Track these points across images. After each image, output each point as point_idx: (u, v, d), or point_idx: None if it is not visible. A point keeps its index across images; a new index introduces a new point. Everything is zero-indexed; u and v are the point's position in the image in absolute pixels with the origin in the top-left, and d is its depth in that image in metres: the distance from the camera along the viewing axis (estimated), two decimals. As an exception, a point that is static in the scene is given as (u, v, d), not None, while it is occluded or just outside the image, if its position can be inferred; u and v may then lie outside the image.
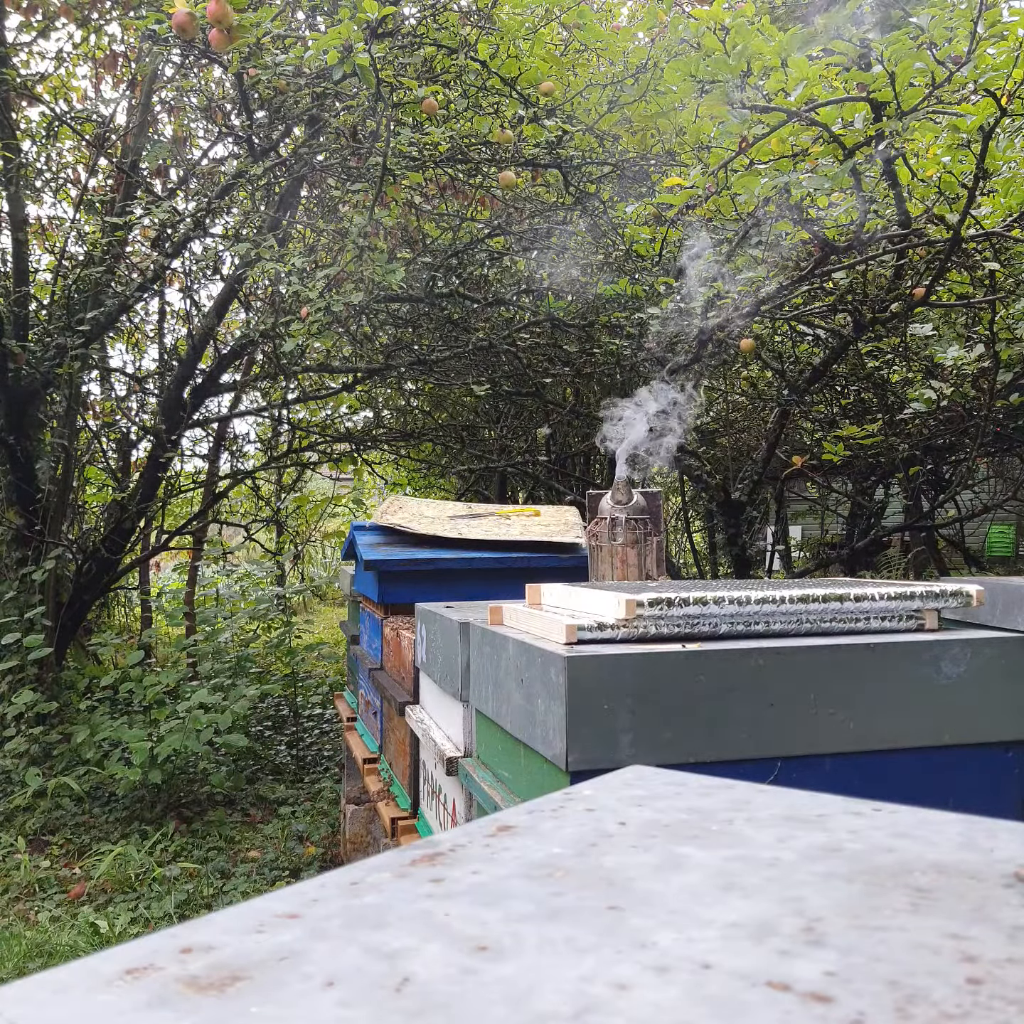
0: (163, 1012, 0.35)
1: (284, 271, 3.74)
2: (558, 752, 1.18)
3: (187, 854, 3.85)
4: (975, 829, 0.53)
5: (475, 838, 0.54)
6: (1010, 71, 2.46)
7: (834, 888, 0.45)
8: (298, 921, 0.43)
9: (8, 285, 4.90)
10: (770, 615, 1.34)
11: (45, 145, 5.21)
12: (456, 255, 4.80)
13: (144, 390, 5.91)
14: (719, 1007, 0.35)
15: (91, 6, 4.81)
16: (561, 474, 6.16)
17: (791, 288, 3.49)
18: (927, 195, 3.12)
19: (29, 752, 4.39)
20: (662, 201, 3.03)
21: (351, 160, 4.43)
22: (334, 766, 4.88)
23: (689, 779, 0.65)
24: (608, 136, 4.50)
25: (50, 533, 5.00)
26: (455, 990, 0.36)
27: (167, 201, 4.29)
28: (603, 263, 4.56)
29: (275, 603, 6.14)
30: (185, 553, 7.25)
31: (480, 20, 3.95)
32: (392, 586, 2.68)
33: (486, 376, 5.35)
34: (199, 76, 5.23)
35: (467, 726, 1.70)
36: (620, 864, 0.49)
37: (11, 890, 3.54)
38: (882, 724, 1.28)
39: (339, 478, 8.66)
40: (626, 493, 2.00)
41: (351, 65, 2.91)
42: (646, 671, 1.19)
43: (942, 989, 0.35)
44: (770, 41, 2.61)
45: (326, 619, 9.80)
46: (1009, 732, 1.32)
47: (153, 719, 4.31)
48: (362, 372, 5.46)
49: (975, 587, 1.43)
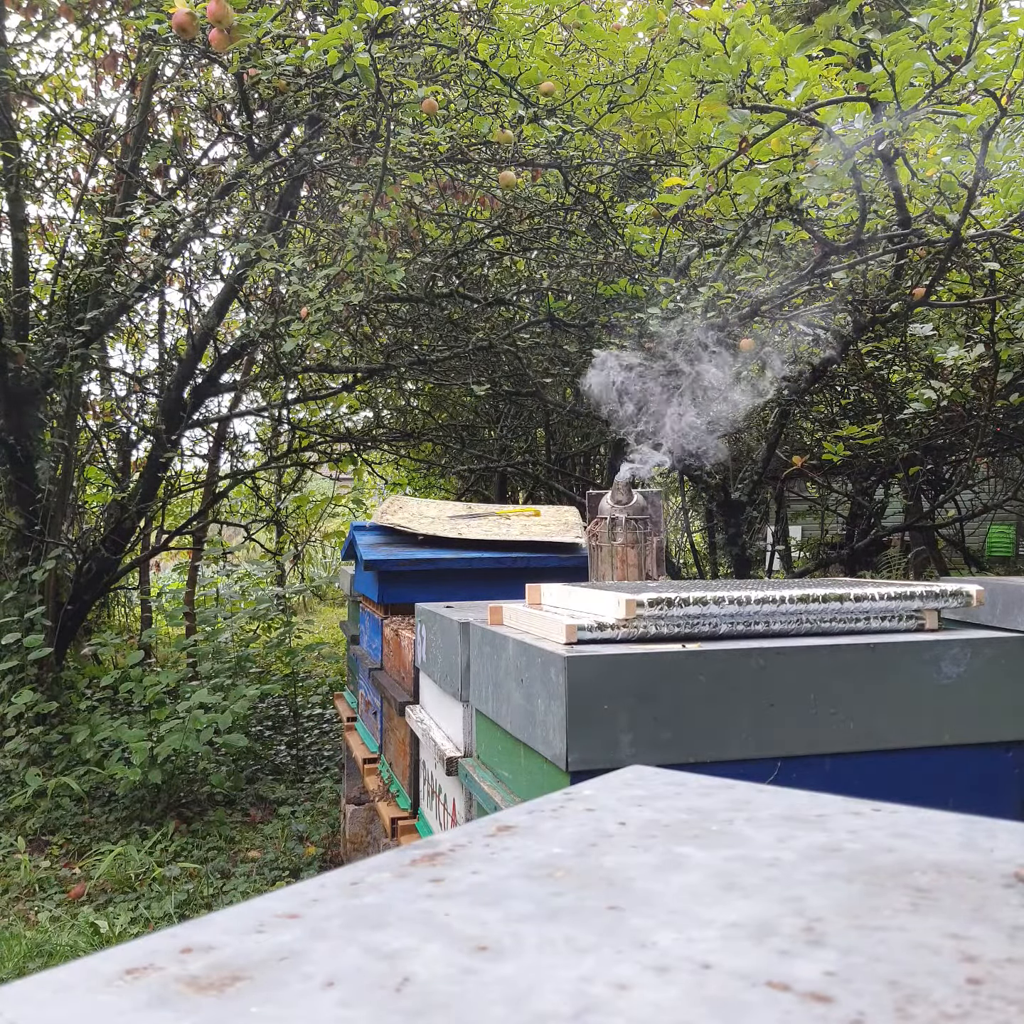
0: (163, 1012, 0.35)
1: (284, 271, 3.74)
2: (558, 752, 1.18)
3: (187, 854, 3.85)
4: (975, 829, 0.53)
5: (475, 838, 0.54)
6: (1010, 71, 2.46)
7: (834, 888, 0.45)
8: (298, 921, 0.43)
9: (8, 285, 4.90)
10: (770, 615, 1.34)
11: (45, 145, 5.20)
12: (456, 255, 4.80)
13: (144, 390, 5.91)
14: (719, 1007, 0.35)
15: (91, 6, 4.81)
16: (561, 474, 6.16)
17: (791, 288, 3.49)
18: (927, 195, 3.12)
19: (29, 752, 4.39)
20: (662, 201, 3.03)
21: (351, 160, 4.43)
22: (334, 766, 4.88)
23: (689, 779, 0.65)
24: (608, 136, 4.50)
25: (50, 533, 5.00)
26: (455, 990, 0.36)
27: (167, 201, 4.28)
28: (603, 263, 4.56)
29: (275, 603, 6.14)
30: (185, 553, 7.25)
31: (480, 20, 3.95)
32: (392, 586, 2.68)
33: (486, 376, 5.35)
34: (199, 76, 5.23)
35: (467, 726, 1.70)
36: (620, 864, 0.49)
37: (11, 890, 3.54)
38: (882, 724, 1.28)
39: (339, 478, 8.66)
40: (626, 493, 2.00)
41: (351, 65, 2.91)
42: (646, 671, 1.19)
43: (942, 989, 0.35)
44: (770, 41, 2.61)
45: (326, 619, 9.79)
46: (1009, 732, 1.32)
47: (153, 719, 4.31)
48: (362, 372, 5.46)
49: (975, 587, 1.43)
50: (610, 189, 4.73)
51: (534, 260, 5.25)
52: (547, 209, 4.78)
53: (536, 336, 4.97)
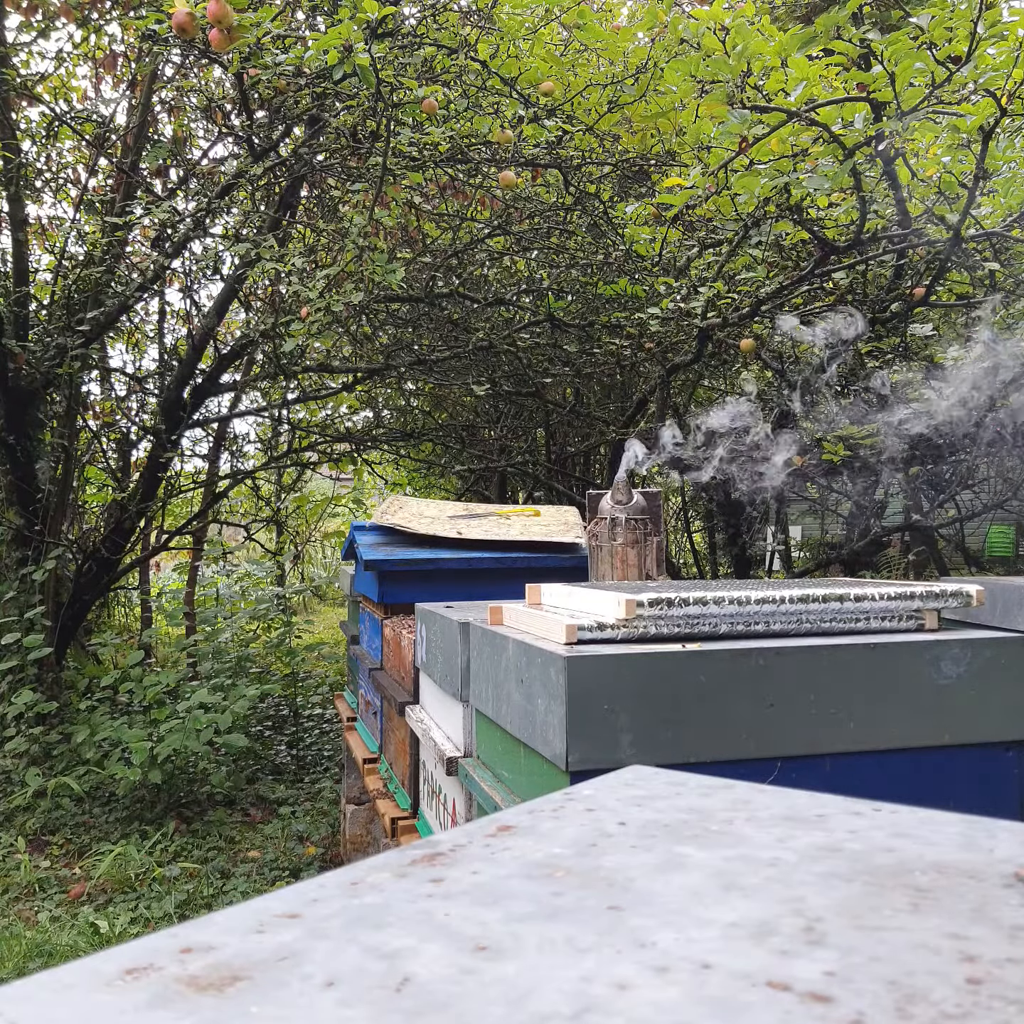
0: (163, 1012, 0.35)
1: (284, 271, 3.74)
2: (558, 752, 1.18)
3: (187, 854, 3.85)
4: (975, 829, 0.53)
5: (475, 838, 0.54)
6: (1010, 71, 2.45)
7: (834, 888, 0.45)
8: (298, 921, 0.43)
9: (8, 285, 4.90)
10: (770, 615, 1.34)
11: (45, 145, 5.20)
12: (456, 255, 4.80)
13: (144, 390, 5.91)
14: (719, 1007, 0.35)
15: (91, 6, 4.81)
16: (561, 474, 6.16)
17: (791, 288, 3.49)
18: (927, 195, 3.12)
19: (29, 752, 4.39)
20: (662, 201, 3.03)
21: (351, 160, 4.43)
22: (334, 766, 4.88)
23: (689, 779, 0.65)
24: (608, 136, 4.49)
25: (50, 533, 5.00)
26: (455, 990, 0.36)
27: (167, 201, 4.28)
28: (603, 263, 4.56)
29: (275, 603, 6.14)
30: (185, 553, 7.25)
31: (480, 20, 3.94)
32: (392, 586, 2.68)
33: (486, 376, 5.35)
34: (199, 76, 5.23)
35: (467, 726, 1.70)
36: (620, 864, 0.49)
37: (11, 890, 3.54)
38: (882, 724, 1.28)
39: (339, 478, 8.67)
40: (626, 493, 2.00)
41: (351, 65, 2.91)
42: (646, 671, 1.19)
43: (942, 989, 0.35)
44: (770, 41, 2.61)
45: (326, 619, 9.79)
46: (1009, 732, 1.32)
47: (153, 719, 4.31)
48: (362, 372, 5.46)
49: (975, 587, 1.43)
50: (610, 189, 4.73)
51: (534, 260, 5.25)
52: (547, 209, 4.78)
53: (536, 336, 4.97)
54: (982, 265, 3.51)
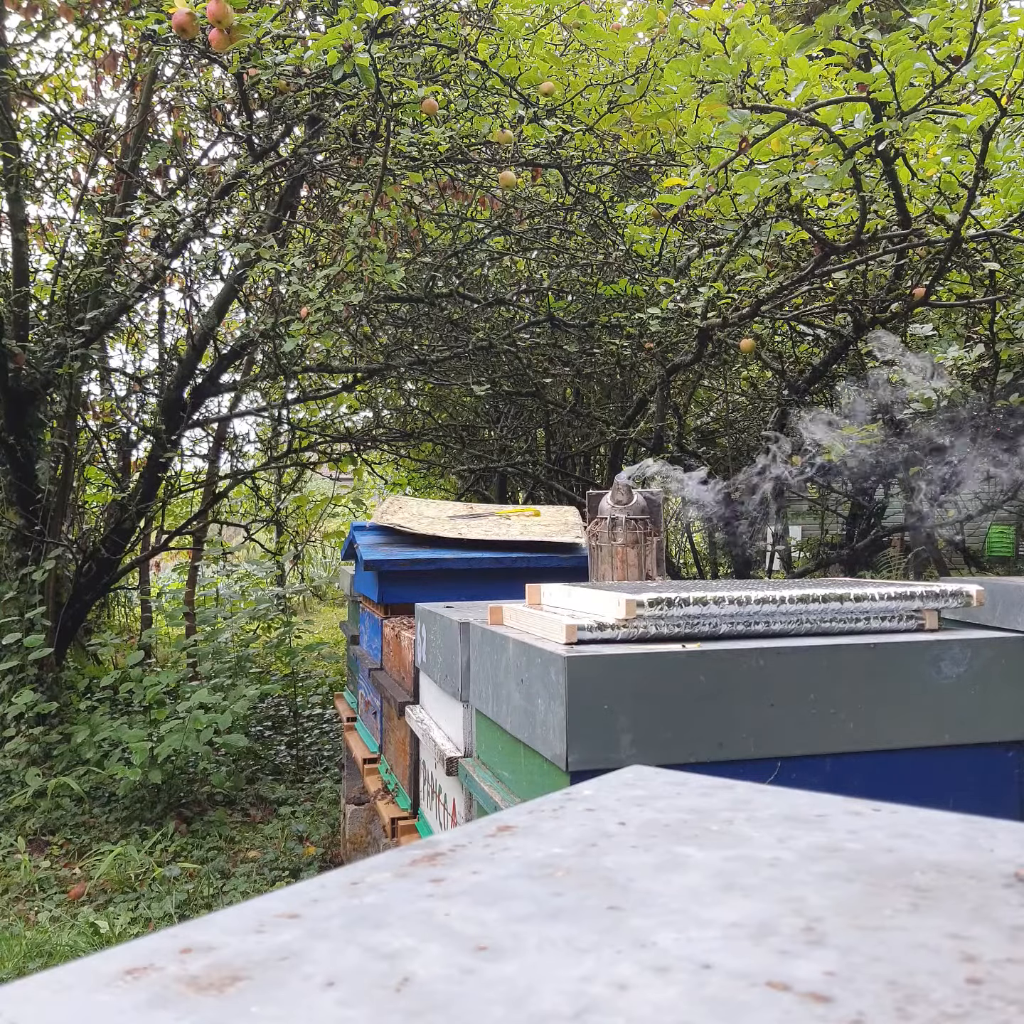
0: (163, 1012, 0.35)
1: (284, 271, 3.74)
2: (558, 752, 1.18)
3: (187, 854, 3.85)
4: (975, 829, 0.53)
5: (475, 838, 0.54)
6: (1010, 71, 2.45)
7: (834, 888, 0.45)
8: (298, 921, 0.43)
9: (8, 285, 4.90)
10: (770, 615, 1.34)
11: (45, 145, 5.20)
12: (456, 255, 4.80)
13: (144, 390, 5.91)
14: (719, 1007, 0.35)
15: (91, 6, 4.81)
16: (561, 474, 6.16)
17: (791, 288, 3.49)
18: (927, 195, 3.12)
19: (29, 752, 4.39)
20: (662, 201, 3.03)
21: (351, 160, 4.43)
22: (334, 766, 4.88)
23: (689, 779, 0.65)
24: (608, 136, 4.49)
25: (50, 533, 5.00)
26: (455, 990, 0.36)
27: (167, 201, 4.28)
28: (603, 263, 4.56)
29: (275, 603, 6.14)
30: (185, 553, 7.25)
31: (480, 20, 3.94)
32: (392, 586, 2.68)
33: (486, 376, 5.35)
34: (199, 76, 5.23)
35: (467, 726, 1.70)
36: (620, 864, 0.49)
37: (11, 890, 3.54)
38: (882, 724, 1.28)
39: (339, 478, 8.66)
40: (626, 493, 2.00)
41: (351, 65, 2.91)
42: (646, 671, 1.19)
43: (942, 989, 0.35)
44: (770, 41, 2.61)
45: (326, 619, 9.79)
46: (1009, 732, 1.32)
47: (153, 719, 4.31)
48: (362, 372, 5.46)
49: (975, 587, 1.43)
50: (610, 189, 4.73)
51: (534, 260, 5.26)
52: (547, 209, 4.78)
53: (536, 336, 4.98)
54: (982, 265, 3.51)
